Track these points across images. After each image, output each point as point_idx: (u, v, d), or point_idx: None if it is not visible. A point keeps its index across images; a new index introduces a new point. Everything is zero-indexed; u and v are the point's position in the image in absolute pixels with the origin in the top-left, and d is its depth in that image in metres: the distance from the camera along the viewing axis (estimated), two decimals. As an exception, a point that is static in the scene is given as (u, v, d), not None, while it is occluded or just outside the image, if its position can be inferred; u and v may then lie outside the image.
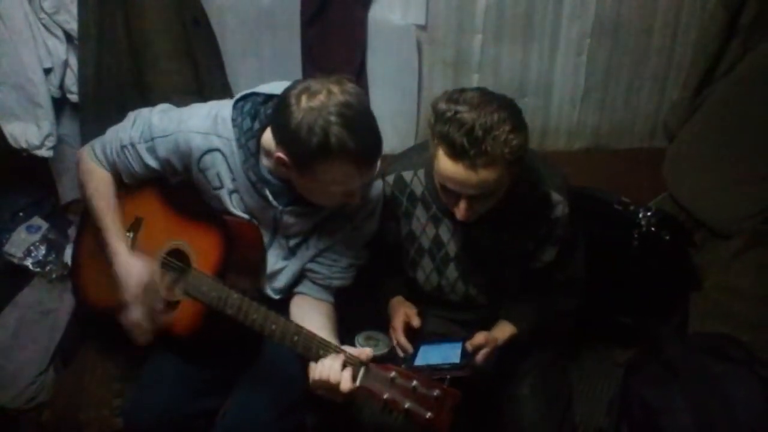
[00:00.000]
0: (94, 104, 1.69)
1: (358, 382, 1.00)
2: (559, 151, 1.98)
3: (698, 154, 1.78)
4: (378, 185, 1.28)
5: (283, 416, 1.22)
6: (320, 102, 1.03)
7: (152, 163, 1.23)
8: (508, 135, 1.03)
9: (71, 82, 1.71)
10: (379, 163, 1.13)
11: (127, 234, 1.30)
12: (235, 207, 1.23)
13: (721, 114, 1.79)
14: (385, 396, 0.97)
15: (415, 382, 0.95)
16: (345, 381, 1.00)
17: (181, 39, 1.68)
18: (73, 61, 1.69)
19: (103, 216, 1.26)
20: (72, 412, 1.34)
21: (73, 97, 1.73)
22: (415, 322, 1.30)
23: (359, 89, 1.08)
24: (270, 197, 1.19)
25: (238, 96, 1.20)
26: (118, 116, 1.33)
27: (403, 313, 1.32)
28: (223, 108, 1.19)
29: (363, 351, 1.03)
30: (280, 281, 1.29)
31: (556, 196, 1.25)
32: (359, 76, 1.90)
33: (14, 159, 1.74)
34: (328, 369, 1.02)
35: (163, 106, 1.27)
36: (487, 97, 1.07)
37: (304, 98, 1.03)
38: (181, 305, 1.22)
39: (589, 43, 1.89)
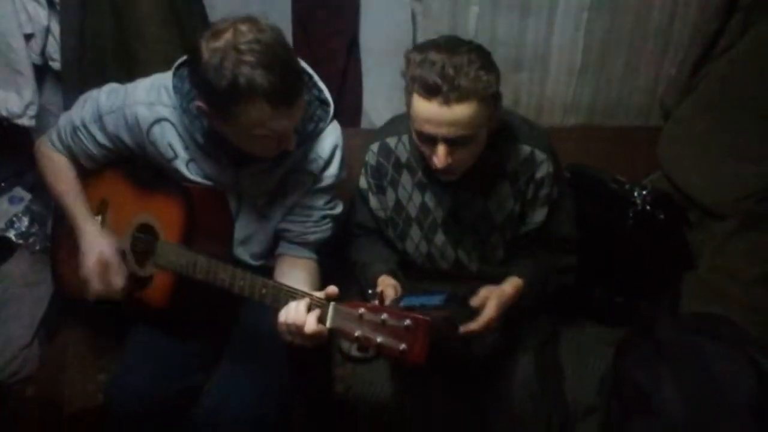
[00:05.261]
0: (77, 72, 1.64)
1: (328, 324, 0.98)
2: (554, 127, 1.95)
3: (694, 133, 1.76)
4: (331, 135, 1.25)
5: (267, 394, 1.21)
6: (225, 41, 0.99)
7: (104, 141, 1.24)
8: (478, 71, 1.07)
9: (53, 49, 1.66)
10: (304, 103, 1.10)
11: (96, 218, 1.30)
12: (194, 175, 1.23)
13: (719, 93, 1.76)
14: (356, 334, 0.95)
15: (384, 315, 0.93)
16: (309, 323, 0.98)
17: (168, 6, 1.63)
18: (55, 28, 1.63)
19: (65, 198, 1.27)
20: (56, 387, 1.32)
21: (56, 65, 1.68)
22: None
23: (273, 25, 1.04)
24: (221, 158, 1.18)
25: (177, 62, 1.17)
26: (102, 84, 1.30)
27: (391, 286, 1.29)
28: (165, 77, 1.18)
29: (328, 289, 1.01)
30: (256, 246, 1.29)
31: (539, 155, 1.27)
32: (351, 48, 1.86)
33: (-5, 128, 1.69)
34: (294, 312, 1.00)
35: (111, 86, 1.27)
36: (455, 41, 1.12)
37: (210, 40, 1.00)
38: (154, 279, 1.22)
39: (586, 17, 1.85)
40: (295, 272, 1.22)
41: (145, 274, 1.24)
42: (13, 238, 1.72)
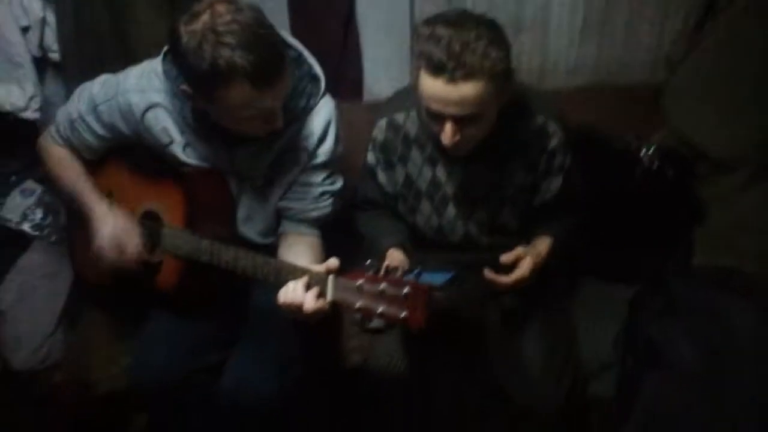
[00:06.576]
0: (77, 62, 1.64)
1: (328, 297, 1.00)
2: (558, 89, 1.93)
3: (701, 85, 1.73)
4: (323, 110, 1.23)
5: (285, 370, 1.24)
6: (203, 23, 0.99)
7: (102, 131, 1.26)
8: (486, 48, 1.04)
9: (51, 40, 1.66)
10: (288, 80, 1.09)
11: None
12: (192, 159, 1.24)
13: (725, 44, 1.72)
14: (357, 305, 0.96)
15: (383, 285, 0.94)
16: (308, 301, 0.99)
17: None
18: (51, 18, 1.63)
19: (74, 185, 1.29)
20: (83, 372, 1.36)
21: (55, 56, 1.68)
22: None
23: (251, 4, 1.03)
24: (215, 139, 1.19)
25: (166, 47, 1.17)
26: (102, 72, 1.31)
27: (398, 261, 1.30)
28: (155, 63, 1.18)
29: (328, 262, 1.02)
30: (260, 224, 1.30)
31: (551, 126, 1.25)
32: (349, 22, 1.84)
33: (2, 123, 1.70)
34: (292, 292, 1.01)
35: (104, 76, 1.28)
36: (465, 16, 1.08)
37: (188, 23, 1.00)
38: (164, 264, 1.25)
39: (587, -26, 1.82)
40: (298, 249, 1.23)
41: (154, 260, 1.26)
42: (29, 230, 1.75)
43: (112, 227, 1.22)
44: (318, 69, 1.23)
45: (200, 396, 1.27)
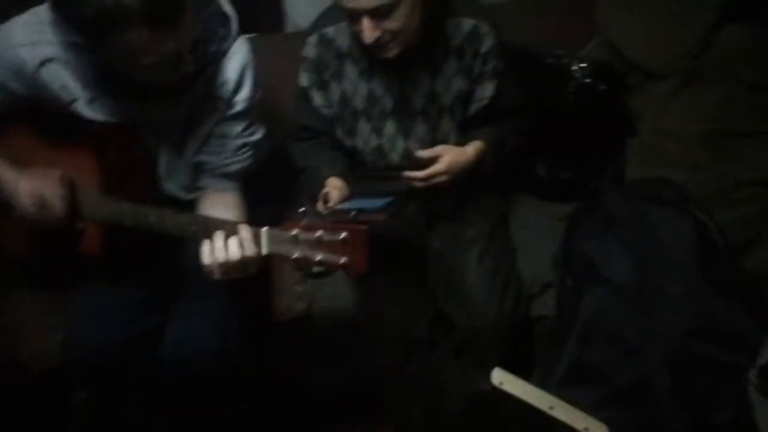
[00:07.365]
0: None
1: (264, 250, 0.97)
2: (490, 3, 1.86)
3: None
4: (238, 54, 1.14)
5: (225, 328, 1.21)
6: None
7: None
8: None
9: None
10: (191, 16, 0.99)
11: None
12: (100, 115, 1.13)
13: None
14: (295, 256, 0.94)
15: (319, 233, 0.92)
16: (232, 251, 0.96)
17: None
18: None
19: None
20: (12, 351, 1.30)
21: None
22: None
23: None
24: (122, 92, 1.10)
25: None
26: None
27: (336, 188, 1.25)
28: (43, 11, 1.05)
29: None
30: (183, 178, 1.23)
31: (483, 27, 1.25)
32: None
33: None
34: (221, 248, 0.97)
35: None
36: None
37: None
38: (87, 231, 1.17)
39: None
40: (219, 205, 1.18)
41: (74, 228, 1.17)
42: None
43: (29, 184, 1.11)
44: (228, 7, 1.13)
45: (141, 364, 1.24)
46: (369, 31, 1.11)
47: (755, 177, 1.43)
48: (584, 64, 1.53)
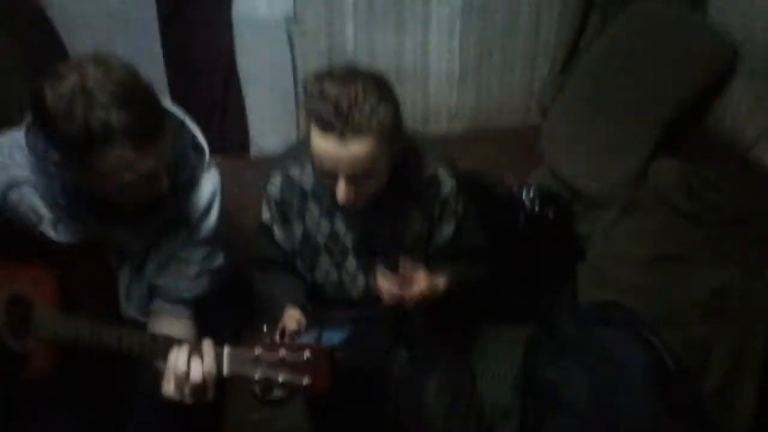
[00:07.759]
0: None
1: (225, 371, 0.95)
2: (442, 134, 2.00)
3: (571, 126, 1.85)
4: (209, 183, 1.19)
5: None
6: (71, 85, 0.91)
7: None
8: (374, 106, 1.03)
9: None
10: (169, 137, 1.03)
11: None
12: (64, 237, 1.13)
13: (588, 86, 1.86)
14: (257, 376, 0.92)
15: (282, 352, 0.91)
16: (194, 370, 0.94)
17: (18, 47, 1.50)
18: None
19: None
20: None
21: None
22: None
23: (121, 61, 0.97)
24: (90, 217, 1.10)
25: (29, 117, 1.07)
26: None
27: (293, 319, 1.26)
28: (16, 136, 1.08)
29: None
30: (140, 300, 1.21)
31: (443, 174, 1.28)
32: (229, 77, 1.80)
33: None
34: (183, 365, 0.95)
35: None
36: (352, 72, 1.07)
37: (54, 85, 0.92)
38: (36, 352, 1.10)
39: (459, 24, 1.90)
40: (168, 331, 1.14)
41: (24, 349, 1.12)
42: None
43: None
44: (201, 139, 1.17)
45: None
46: (343, 193, 1.11)
47: (698, 299, 1.49)
48: (532, 192, 1.62)
